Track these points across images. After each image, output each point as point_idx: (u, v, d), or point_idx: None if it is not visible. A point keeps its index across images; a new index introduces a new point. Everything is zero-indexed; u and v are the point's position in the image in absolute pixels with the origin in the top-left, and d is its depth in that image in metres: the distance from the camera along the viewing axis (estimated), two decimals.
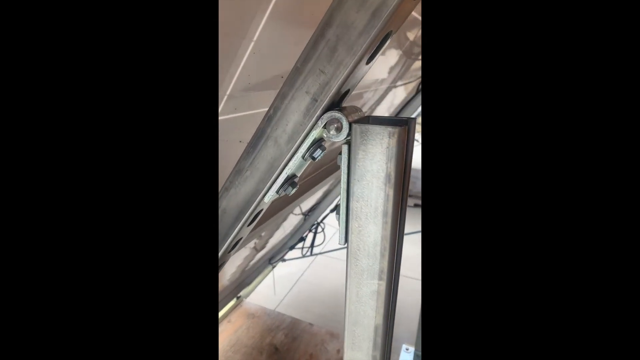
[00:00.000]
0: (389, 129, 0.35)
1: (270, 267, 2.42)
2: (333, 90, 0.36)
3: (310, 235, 2.25)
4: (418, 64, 1.65)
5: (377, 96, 1.64)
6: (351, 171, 0.38)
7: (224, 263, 0.60)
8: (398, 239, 0.41)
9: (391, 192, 0.37)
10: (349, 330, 0.46)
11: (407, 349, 2.11)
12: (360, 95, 1.48)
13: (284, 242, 2.38)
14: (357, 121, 0.38)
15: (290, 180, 0.44)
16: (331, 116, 0.37)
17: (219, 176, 0.48)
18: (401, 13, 0.35)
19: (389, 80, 1.58)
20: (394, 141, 0.35)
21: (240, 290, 2.51)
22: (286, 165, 0.42)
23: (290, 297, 2.91)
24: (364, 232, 0.40)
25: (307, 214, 2.23)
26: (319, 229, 2.21)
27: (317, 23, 0.35)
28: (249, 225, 0.50)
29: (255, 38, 0.48)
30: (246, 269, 2.30)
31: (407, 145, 0.37)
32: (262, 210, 0.50)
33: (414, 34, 1.37)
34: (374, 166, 0.37)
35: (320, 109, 0.37)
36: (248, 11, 0.51)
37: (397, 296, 0.46)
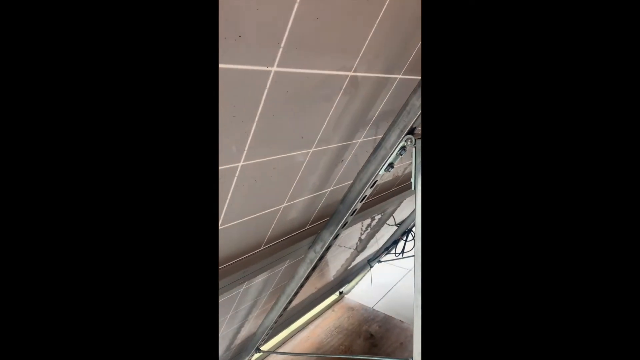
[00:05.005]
0: None
1: (369, 267, 2.94)
2: (407, 129, 0.95)
3: (401, 243, 2.73)
4: None
5: None
6: (416, 155, 0.95)
7: (348, 222, 1.20)
8: None
9: None
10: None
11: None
12: None
13: (380, 247, 2.90)
14: (418, 138, 0.95)
15: (391, 165, 1.03)
16: (408, 137, 0.96)
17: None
18: None
19: None
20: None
21: (342, 287, 3.08)
22: (389, 157, 1.01)
23: (383, 301, 3.34)
24: None
25: (399, 225, 2.73)
26: (409, 237, 2.68)
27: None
28: (371, 187, 1.10)
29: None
30: (348, 267, 2.87)
31: None
32: (377, 181, 1.09)
33: None
34: None
35: (404, 134, 0.96)
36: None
37: None
